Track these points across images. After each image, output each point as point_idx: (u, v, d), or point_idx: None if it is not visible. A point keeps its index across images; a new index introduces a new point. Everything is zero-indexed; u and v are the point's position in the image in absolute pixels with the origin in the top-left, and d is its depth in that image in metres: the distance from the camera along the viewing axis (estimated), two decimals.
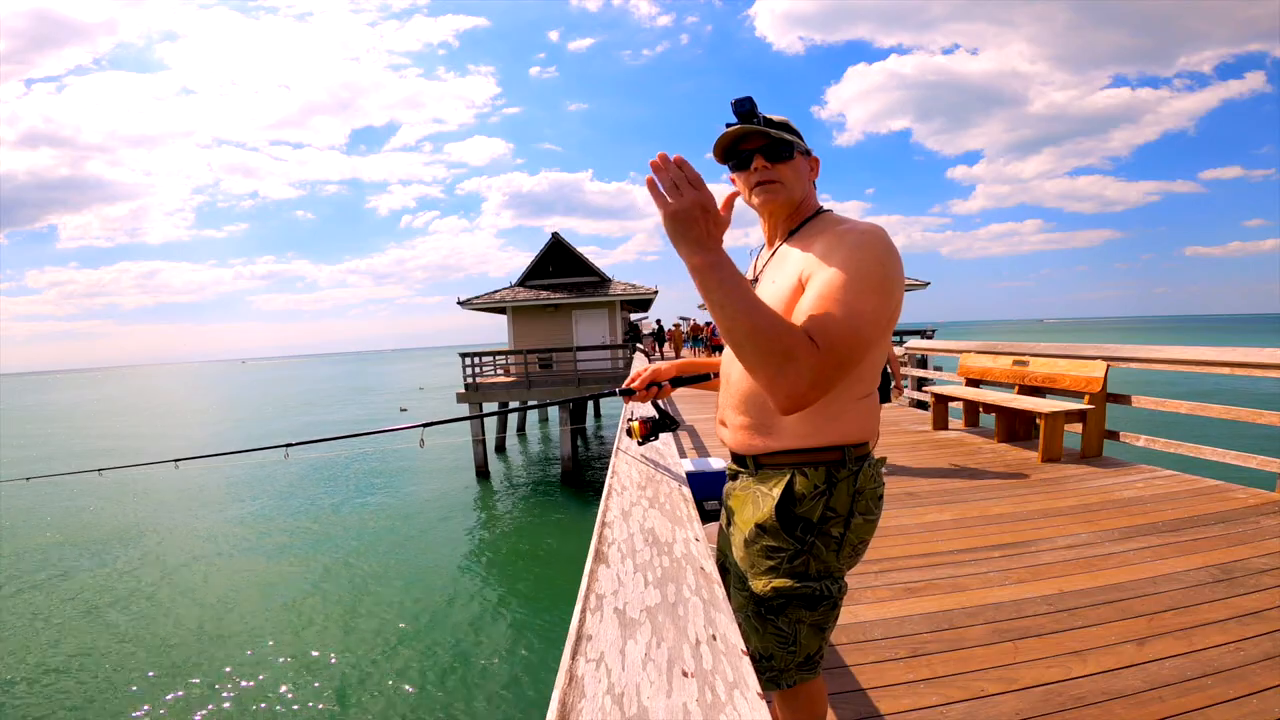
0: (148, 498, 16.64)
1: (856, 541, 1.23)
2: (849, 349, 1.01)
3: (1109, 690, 1.91)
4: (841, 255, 1.09)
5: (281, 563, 11.23)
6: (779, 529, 1.18)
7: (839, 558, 1.21)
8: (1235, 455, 4.06)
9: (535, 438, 24.93)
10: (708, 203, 0.98)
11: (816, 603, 1.20)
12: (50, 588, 10.47)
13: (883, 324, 1.07)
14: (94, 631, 8.68)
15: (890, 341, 1.22)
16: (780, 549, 1.19)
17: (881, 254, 1.08)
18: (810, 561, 1.19)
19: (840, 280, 1.05)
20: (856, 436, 1.20)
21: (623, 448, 1.80)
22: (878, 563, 3.03)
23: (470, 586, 9.85)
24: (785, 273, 1.19)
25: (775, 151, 1.22)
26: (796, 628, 1.20)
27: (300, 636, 8.19)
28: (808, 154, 1.29)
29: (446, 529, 12.93)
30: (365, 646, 7.81)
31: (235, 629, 8.51)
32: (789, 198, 1.25)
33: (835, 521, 1.18)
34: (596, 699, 0.58)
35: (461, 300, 21.53)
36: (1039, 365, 5.59)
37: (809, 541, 1.18)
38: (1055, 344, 5.68)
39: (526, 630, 8.14)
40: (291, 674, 7.22)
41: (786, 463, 1.20)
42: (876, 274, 1.06)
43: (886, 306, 1.07)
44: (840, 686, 2.03)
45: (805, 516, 1.18)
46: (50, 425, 40.18)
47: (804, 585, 1.18)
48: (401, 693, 6.71)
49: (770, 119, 1.23)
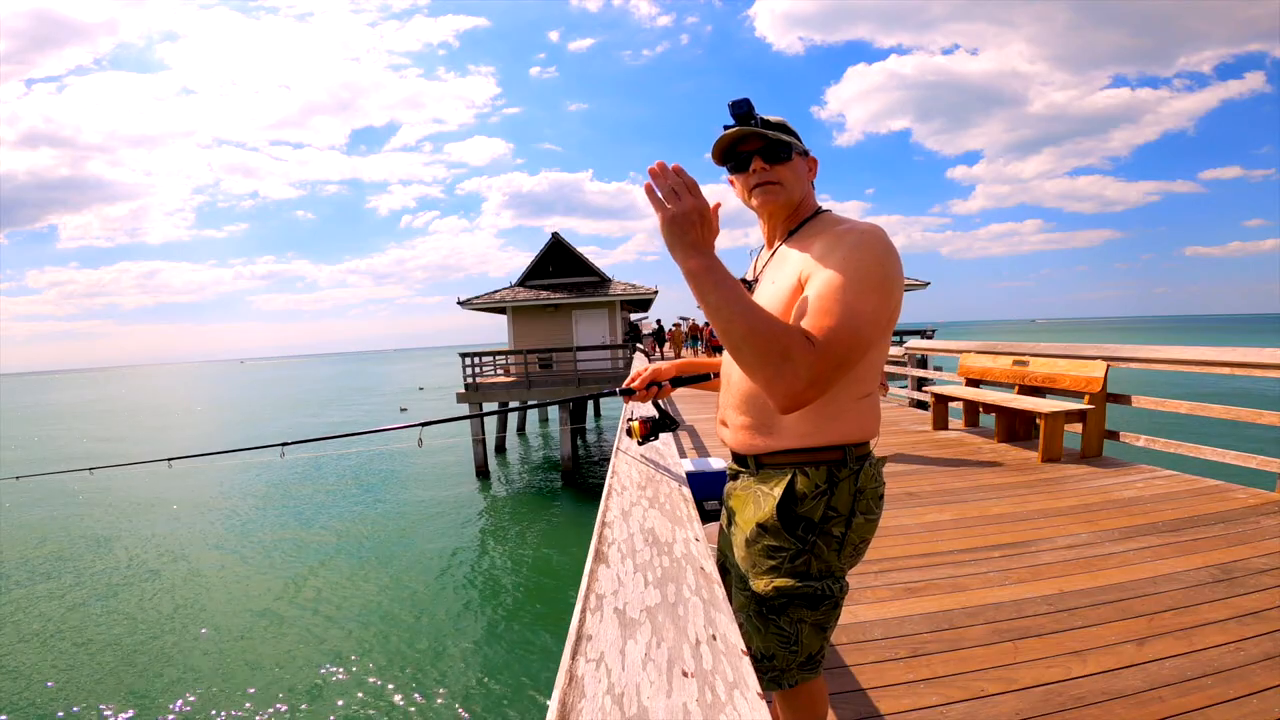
0: (139, 499, 16.64)
1: (858, 541, 1.23)
2: (847, 348, 1.02)
3: (1109, 690, 1.91)
4: (840, 255, 1.09)
5: (279, 563, 11.23)
6: (780, 529, 1.19)
7: (840, 557, 1.21)
8: (1235, 455, 4.06)
9: (535, 438, 24.94)
10: (704, 208, 1.02)
11: (818, 602, 1.20)
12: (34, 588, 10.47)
13: (882, 324, 1.08)
14: (78, 632, 8.69)
15: (890, 341, 1.23)
16: (782, 549, 1.19)
17: (881, 254, 1.08)
18: (812, 561, 1.19)
19: (839, 280, 1.05)
20: (857, 436, 1.20)
21: (623, 448, 1.80)
22: (878, 563, 3.03)
23: (470, 587, 9.85)
24: (785, 273, 1.19)
25: (774, 153, 1.23)
26: (798, 627, 1.20)
27: (298, 637, 8.18)
28: (805, 154, 1.28)
29: (446, 529, 12.92)
30: (364, 646, 7.81)
31: (235, 630, 8.51)
32: (788, 199, 1.26)
33: (837, 521, 1.18)
34: (596, 699, 0.58)
35: (461, 300, 21.53)
36: (1039, 365, 5.59)
37: (810, 541, 1.18)
38: (1055, 344, 5.68)
39: (526, 630, 8.14)
40: (290, 674, 7.21)
41: (788, 462, 1.21)
42: (876, 274, 1.07)
43: (886, 306, 1.07)
44: (840, 686, 2.03)
45: (807, 516, 1.18)
46: (45, 426, 40.16)
47: (806, 585, 1.18)
48: (401, 692, 6.71)
49: (767, 120, 1.23)
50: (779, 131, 1.23)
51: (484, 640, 7.90)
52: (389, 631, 8.24)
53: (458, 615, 8.72)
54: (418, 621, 8.54)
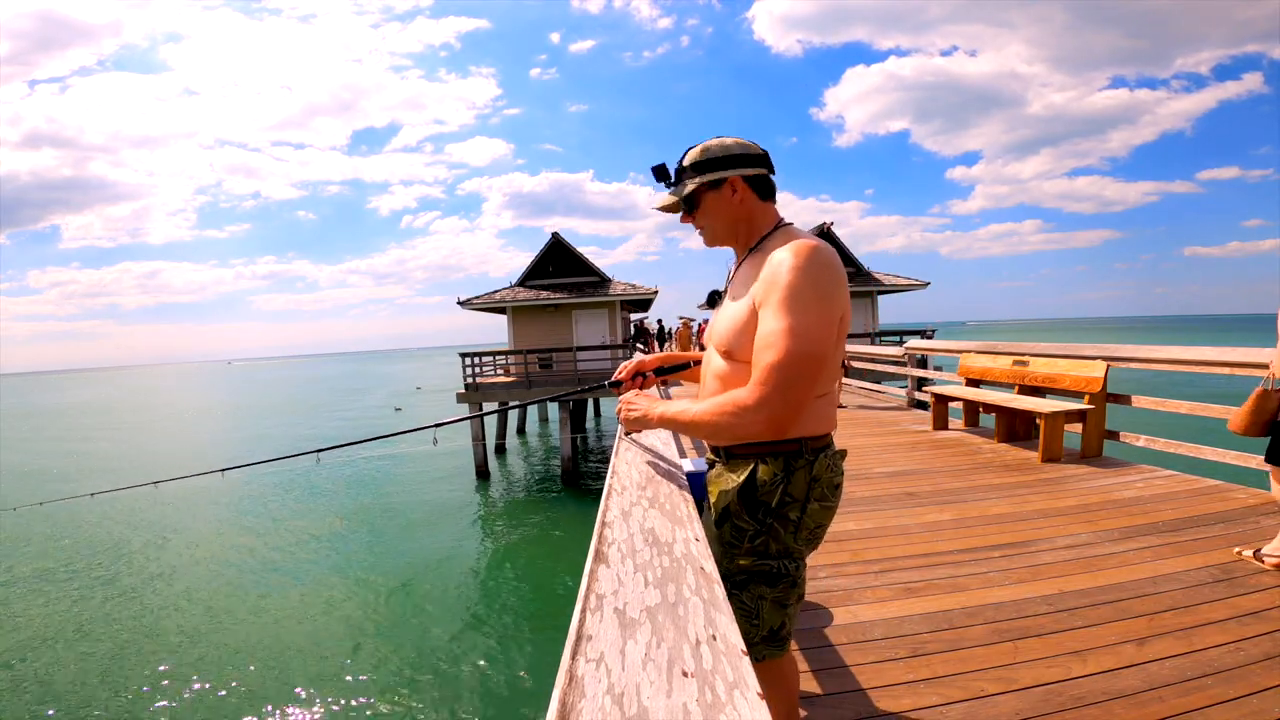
0: (136, 509, 16.64)
1: (814, 526, 1.34)
2: (796, 370, 1.14)
3: (1109, 690, 1.91)
4: (775, 282, 1.20)
5: (279, 564, 11.23)
6: (742, 511, 1.32)
7: (796, 539, 1.33)
8: (1235, 455, 4.05)
9: (535, 438, 24.94)
10: (645, 414, 1.44)
11: (776, 580, 1.32)
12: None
13: (830, 330, 1.19)
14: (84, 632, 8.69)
15: (845, 343, 1.34)
16: (744, 529, 1.32)
17: (810, 272, 1.18)
18: (770, 542, 1.31)
19: (776, 309, 1.18)
20: (813, 430, 1.32)
21: (622, 448, 1.80)
22: (878, 563, 3.03)
23: (470, 587, 9.85)
24: (740, 292, 1.32)
25: (688, 205, 1.40)
26: (759, 603, 1.32)
27: (297, 636, 8.18)
28: (720, 184, 1.35)
29: (446, 529, 12.93)
30: (363, 646, 7.81)
31: (232, 627, 8.51)
32: (718, 233, 1.41)
33: (793, 506, 1.30)
34: (596, 699, 0.58)
35: (461, 300, 21.51)
36: (1039, 365, 5.58)
37: (768, 524, 1.31)
38: (1055, 344, 5.68)
39: (526, 630, 8.14)
40: (289, 672, 7.21)
41: (752, 453, 1.33)
42: (807, 292, 1.17)
43: (825, 317, 1.18)
44: (840, 686, 2.03)
45: (765, 501, 1.30)
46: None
47: (763, 563, 1.32)
48: (402, 692, 6.71)
49: (681, 168, 1.38)
50: (690, 172, 1.36)
51: (484, 640, 7.90)
52: (388, 631, 8.24)
53: (457, 615, 8.72)
54: (417, 621, 8.54)
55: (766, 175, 1.36)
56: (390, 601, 9.30)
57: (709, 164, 1.34)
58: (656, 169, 1.41)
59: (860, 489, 4.34)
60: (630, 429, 1.52)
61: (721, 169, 1.34)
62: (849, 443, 6.12)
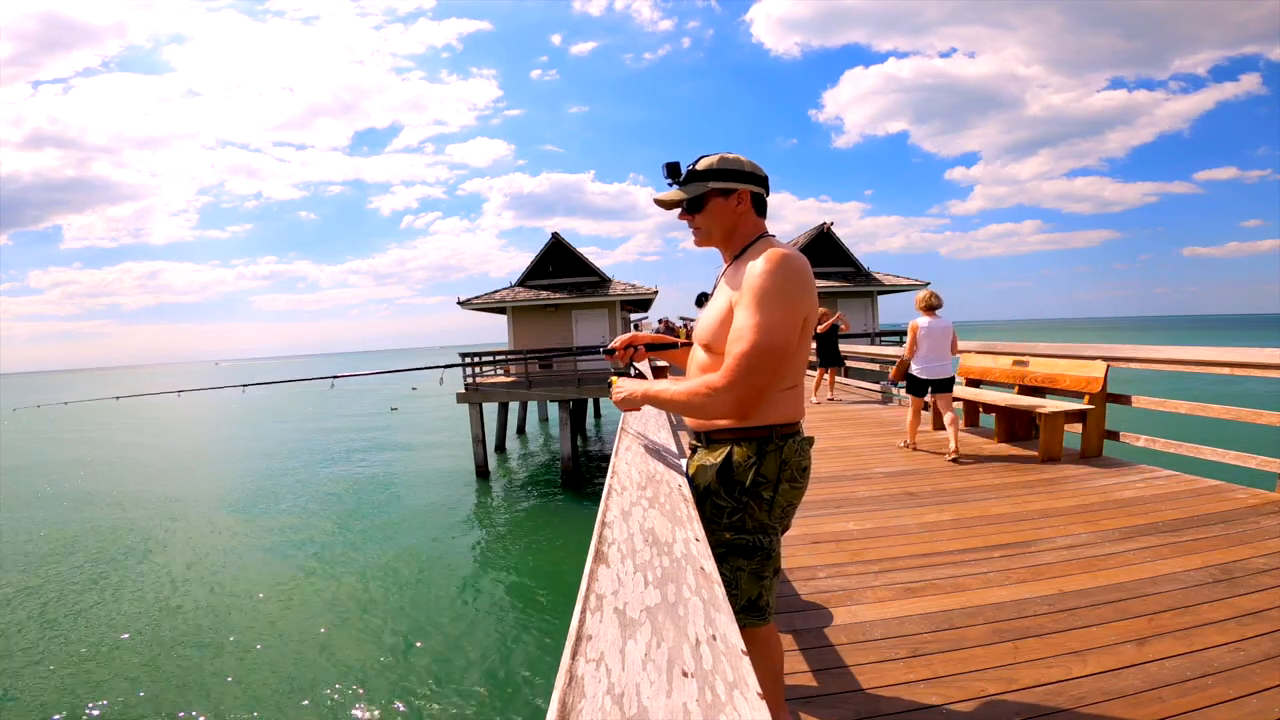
0: (136, 509, 16.63)
1: (785, 504, 1.49)
2: (760, 359, 1.32)
3: (1109, 690, 1.91)
4: (748, 285, 1.37)
5: (279, 564, 11.23)
6: (720, 490, 1.47)
7: (770, 516, 1.47)
8: (1235, 455, 4.06)
9: (535, 438, 24.93)
10: (631, 397, 1.61)
11: (752, 553, 1.47)
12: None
13: (794, 327, 1.36)
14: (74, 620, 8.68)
15: (810, 340, 1.49)
16: (723, 507, 1.47)
17: (777, 276, 1.35)
18: (746, 518, 1.46)
19: (746, 307, 1.36)
20: (784, 418, 1.47)
21: (623, 448, 1.80)
22: (878, 563, 3.03)
23: (470, 587, 9.85)
24: (723, 294, 1.49)
25: (692, 206, 1.55)
26: (737, 574, 1.46)
27: (295, 634, 8.18)
28: (729, 193, 1.51)
29: (446, 529, 12.92)
30: (363, 646, 7.81)
31: (231, 627, 8.50)
32: (710, 237, 1.57)
33: (765, 486, 1.45)
34: (596, 699, 0.58)
35: (461, 300, 21.51)
36: (1039, 365, 5.58)
37: (744, 501, 1.45)
38: (1055, 344, 5.68)
39: (526, 630, 8.14)
40: (287, 671, 7.21)
41: (728, 438, 1.48)
42: (774, 293, 1.34)
43: (790, 315, 1.35)
44: (840, 686, 2.03)
45: (740, 480, 1.45)
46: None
47: (740, 537, 1.46)
48: (402, 692, 6.71)
49: (694, 170, 1.52)
50: (704, 178, 1.51)
51: (483, 640, 7.90)
52: (388, 631, 8.24)
53: (457, 615, 8.72)
54: (416, 621, 8.54)
55: (764, 195, 1.55)
56: (390, 601, 9.30)
57: (725, 173, 1.51)
58: (670, 165, 1.56)
59: (860, 489, 4.34)
60: (621, 407, 1.68)
61: (735, 180, 1.51)
62: (849, 442, 6.12)
